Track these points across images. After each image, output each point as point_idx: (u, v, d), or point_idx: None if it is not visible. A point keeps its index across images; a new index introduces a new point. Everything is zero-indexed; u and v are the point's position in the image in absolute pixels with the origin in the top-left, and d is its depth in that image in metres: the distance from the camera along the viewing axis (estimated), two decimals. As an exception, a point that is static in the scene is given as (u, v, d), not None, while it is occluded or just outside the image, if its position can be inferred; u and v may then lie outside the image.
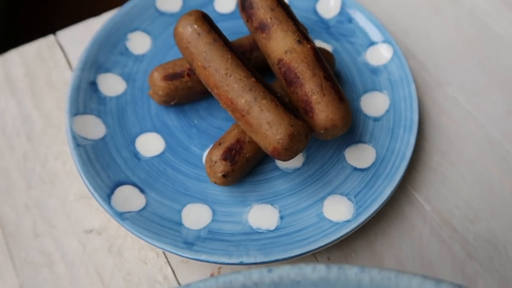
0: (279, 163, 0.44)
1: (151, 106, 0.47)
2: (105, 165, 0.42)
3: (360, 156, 0.44)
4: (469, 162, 0.48)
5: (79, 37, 0.54)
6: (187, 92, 0.45)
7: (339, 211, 0.41)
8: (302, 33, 0.41)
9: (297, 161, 0.44)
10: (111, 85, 0.47)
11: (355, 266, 0.26)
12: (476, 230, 0.44)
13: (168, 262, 0.41)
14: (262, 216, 0.41)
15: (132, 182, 0.42)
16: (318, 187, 0.43)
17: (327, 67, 0.40)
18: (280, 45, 0.41)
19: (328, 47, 0.51)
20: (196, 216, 0.41)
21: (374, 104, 0.47)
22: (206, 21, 0.41)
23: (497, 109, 0.51)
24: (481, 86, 0.53)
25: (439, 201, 0.45)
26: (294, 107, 0.40)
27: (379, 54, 0.50)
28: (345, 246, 0.43)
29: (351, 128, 0.46)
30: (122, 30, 0.50)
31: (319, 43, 0.52)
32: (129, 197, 0.41)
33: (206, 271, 0.41)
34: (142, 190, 0.42)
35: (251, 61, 0.45)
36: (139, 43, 0.51)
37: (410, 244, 0.43)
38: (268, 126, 0.36)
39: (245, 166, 0.40)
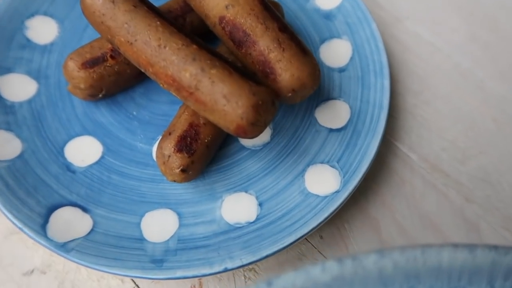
0: (245, 141, 0.38)
1: (75, 104, 0.38)
2: (31, 189, 0.33)
3: (333, 115, 0.39)
4: (445, 98, 0.44)
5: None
6: (116, 79, 0.36)
7: (324, 182, 0.35)
8: (241, -19, 0.34)
9: (264, 135, 0.38)
10: (18, 87, 0.38)
11: (372, 254, 0.20)
12: (468, 170, 0.40)
13: (137, 286, 0.34)
14: (238, 207, 0.34)
15: (71, 201, 0.34)
16: (294, 159, 0.37)
17: (279, 16, 0.33)
18: (217, 0, 0.33)
19: (270, -2, 0.44)
20: (159, 226, 0.33)
21: (335, 53, 0.42)
22: (120, -16, 0.33)
23: (460, 35, 0.47)
24: (439, 14, 0.48)
25: (423, 147, 0.41)
26: (251, 72, 0.33)
27: (330, -4, 0.44)
28: (335, 218, 0.37)
29: (316, 85, 0.40)
30: (16, 17, 0.40)
31: (259, -5, 0.44)
32: (70, 222, 0.33)
33: (184, 286, 0.34)
34: (85, 209, 0.34)
35: (186, 27, 0.38)
36: (42, 30, 0.41)
37: (404, 200, 0.39)
38: (225, 100, 0.29)
39: (206, 154, 0.33)
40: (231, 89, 0.29)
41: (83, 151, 0.36)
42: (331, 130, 0.38)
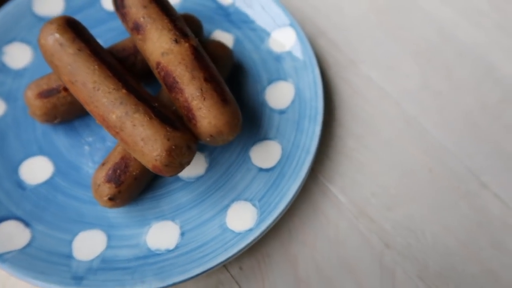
0: (180, 173, 0.41)
1: (36, 127, 0.43)
2: (-18, 202, 0.38)
3: (265, 155, 0.41)
4: (385, 145, 0.45)
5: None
6: (69, 108, 0.40)
7: (242, 219, 0.38)
8: (180, 31, 0.37)
9: (200, 168, 0.41)
10: (-12, 108, 0.43)
11: None
12: (394, 217, 0.42)
13: (67, 296, 0.38)
14: (161, 235, 0.38)
15: (15, 216, 0.38)
16: (222, 194, 0.40)
17: (209, 66, 0.36)
18: (156, 46, 0.37)
19: (229, 36, 0.48)
20: (89, 245, 0.37)
21: (279, 95, 0.44)
22: (72, 28, 0.37)
23: (413, 82, 0.49)
24: (395, 60, 0.50)
25: (354, 191, 0.43)
26: (178, 115, 0.37)
27: (282, 40, 0.46)
28: (257, 251, 0.40)
29: (256, 125, 0.43)
30: (-5, 43, 0.45)
31: (219, 33, 0.48)
32: (11, 235, 0.37)
33: (109, 301, 0.38)
34: (27, 224, 0.38)
35: (137, 65, 0.41)
36: (18, 55, 0.45)
37: (326, 241, 0.41)
38: (143, 143, 0.33)
39: (134, 185, 0.37)
40: (148, 133, 0.33)
41: (36, 170, 0.41)
42: (260, 169, 0.41)
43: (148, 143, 0.33)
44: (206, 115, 0.34)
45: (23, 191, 0.40)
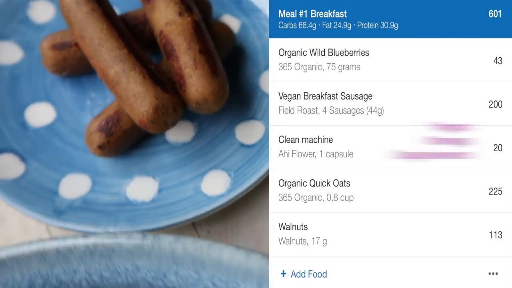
0: (169, 136, 0.45)
1: (46, 76, 0.47)
2: (-14, 132, 0.42)
3: (249, 132, 0.44)
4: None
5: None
6: (78, 63, 0.44)
7: (215, 185, 0.41)
8: (186, 6, 0.41)
9: (187, 136, 0.45)
10: (7, 52, 0.47)
11: (170, 236, 0.26)
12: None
13: (48, 230, 0.42)
14: (141, 188, 0.41)
15: (14, 150, 0.42)
16: (202, 162, 0.43)
17: (206, 41, 0.40)
18: (162, 16, 0.40)
19: (236, 22, 0.51)
20: (74, 186, 0.41)
21: (272, 81, 0.47)
22: (89, -11, 0.40)
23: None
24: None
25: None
26: (172, 80, 0.40)
27: (284, 31, 0.49)
28: (227, 219, 0.43)
29: (246, 105, 0.46)
30: (23, -3, 0.49)
31: (227, 18, 0.51)
32: (7, 165, 0.41)
33: (85, 241, 0.41)
34: (23, 159, 0.42)
35: (145, 33, 0.45)
36: (41, 11, 0.50)
37: (293, 221, 0.44)
38: (134, 98, 0.36)
39: (122, 137, 0.40)
40: (140, 90, 0.36)
41: (40, 114, 0.45)
42: (242, 144, 0.44)
43: (138, 99, 0.36)
44: (195, 83, 0.38)
45: (25, 131, 0.44)
